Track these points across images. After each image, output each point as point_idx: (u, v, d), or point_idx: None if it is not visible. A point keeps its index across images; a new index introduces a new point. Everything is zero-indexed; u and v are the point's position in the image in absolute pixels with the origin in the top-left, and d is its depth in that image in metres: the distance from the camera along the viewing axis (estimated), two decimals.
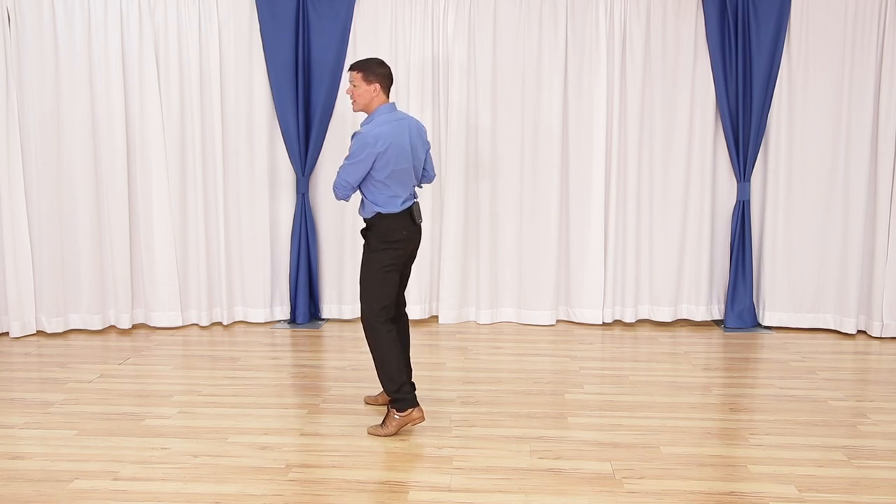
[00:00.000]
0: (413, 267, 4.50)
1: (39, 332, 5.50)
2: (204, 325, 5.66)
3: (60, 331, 5.48)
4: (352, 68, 3.69)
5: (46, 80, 5.27)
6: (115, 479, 3.20)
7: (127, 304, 5.54)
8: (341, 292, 5.83)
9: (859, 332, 5.58)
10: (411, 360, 4.13)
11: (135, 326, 5.65)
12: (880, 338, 5.44)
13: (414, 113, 5.57)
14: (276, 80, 5.48)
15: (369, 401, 4.11)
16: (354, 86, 3.68)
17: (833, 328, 5.60)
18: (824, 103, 5.44)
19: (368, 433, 3.70)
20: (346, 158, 3.61)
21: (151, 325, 5.63)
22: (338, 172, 3.64)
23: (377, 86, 3.66)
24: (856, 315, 5.50)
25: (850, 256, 5.49)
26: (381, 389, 4.05)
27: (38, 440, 3.60)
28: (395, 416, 3.68)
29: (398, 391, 3.66)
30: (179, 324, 5.63)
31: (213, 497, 3.05)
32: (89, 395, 4.22)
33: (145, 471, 3.28)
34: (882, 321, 5.42)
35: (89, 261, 5.45)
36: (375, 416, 3.89)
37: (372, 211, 3.67)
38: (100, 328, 5.53)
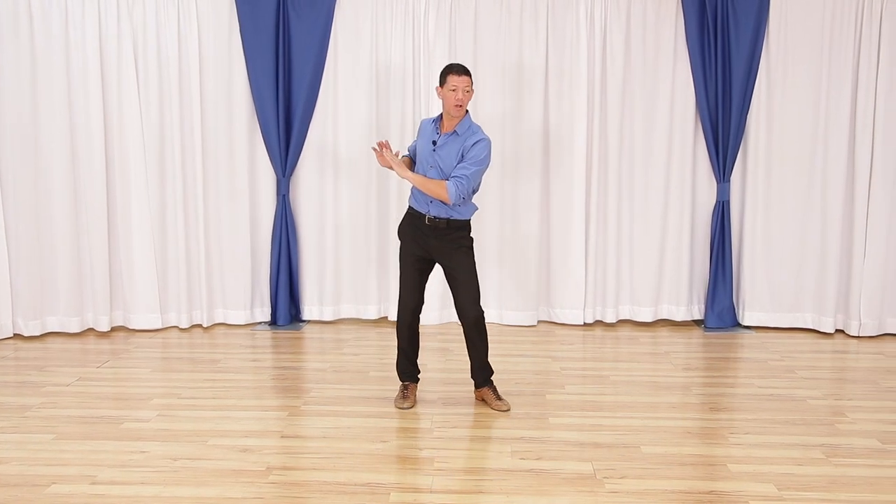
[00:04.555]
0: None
1: (16, 336, 5.42)
2: (184, 327, 5.61)
3: (38, 334, 5.42)
4: (467, 73, 3.76)
5: (23, 79, 5.20)
6: (94, 483, 3.17)
7: (105, 307, 5.48)
8: (322, 294, 5.80)
9: (837, 331, 5.63)
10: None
11: (113, 329, 5.59)
12: (858, 337, 5.49)
13: (394, 113, 5.56)
14: (256, 82, 5.45)
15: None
16: (468, 91, 3.77)
17: (811, 327, 5.65)
18: (803, 104, 5.48)
19: (503, 410, 3.98)
20: (475, 164, 3.76)
21: (130, 327, 5.58)
22: (468, 178, 3.75)
23: None
24: (834, 314, 5.55)
25: (829, 256, 5.54)
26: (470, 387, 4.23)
27: (16, 444, 3.55)
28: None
29: None
30: (159, 326, 5.58)
31: (193, 500, 3.02)
32: (67, 399, 4.17)
33: (124, 475, 3.24)
34: (860, 320, 5.48)
35: (67, 262, 5.39)
36: (357, 419, 3.88)
37: (472, 211, 3.96)
38: (78, 331, 5.47)
